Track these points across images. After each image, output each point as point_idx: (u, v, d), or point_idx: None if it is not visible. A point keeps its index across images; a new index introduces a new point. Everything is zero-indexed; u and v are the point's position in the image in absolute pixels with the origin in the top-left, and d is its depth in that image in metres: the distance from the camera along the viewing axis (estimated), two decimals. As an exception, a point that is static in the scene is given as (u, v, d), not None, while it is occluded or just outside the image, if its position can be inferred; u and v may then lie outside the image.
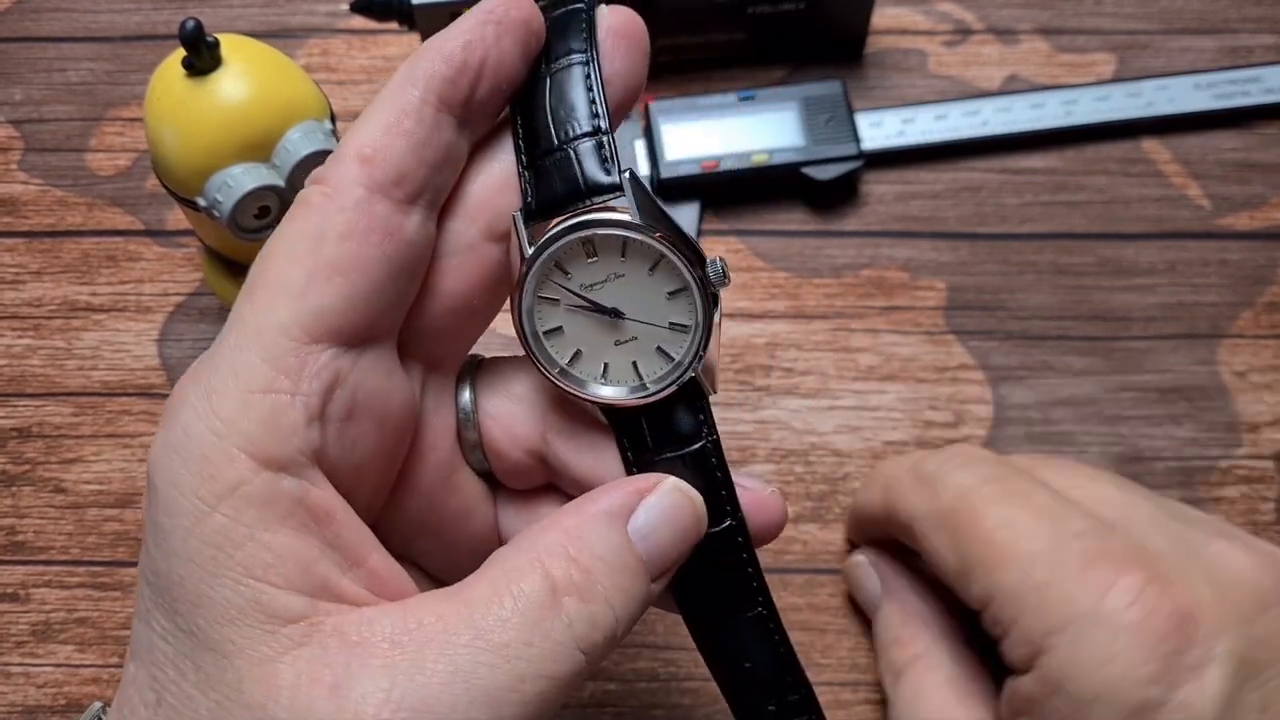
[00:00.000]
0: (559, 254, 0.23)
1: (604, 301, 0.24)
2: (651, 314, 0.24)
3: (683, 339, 0.24)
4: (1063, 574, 0.26)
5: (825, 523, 0.37)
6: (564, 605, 0.21)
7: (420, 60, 0.22)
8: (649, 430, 0.24)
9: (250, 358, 0.21)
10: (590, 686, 0.34)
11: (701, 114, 0.41)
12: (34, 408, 0.39)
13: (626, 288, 0.24)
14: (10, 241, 0.42)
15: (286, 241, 0.22)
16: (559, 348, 0.24)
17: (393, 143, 0.22)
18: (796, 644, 0.35)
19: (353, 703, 0.19)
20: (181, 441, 0.20)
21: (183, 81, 0.32)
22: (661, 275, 0.24)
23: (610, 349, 0.24)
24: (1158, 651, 0.25)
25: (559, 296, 0.24)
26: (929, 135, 0.42)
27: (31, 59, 0.46)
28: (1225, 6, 0.45)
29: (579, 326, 0.24)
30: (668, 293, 0.24)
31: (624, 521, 0.23)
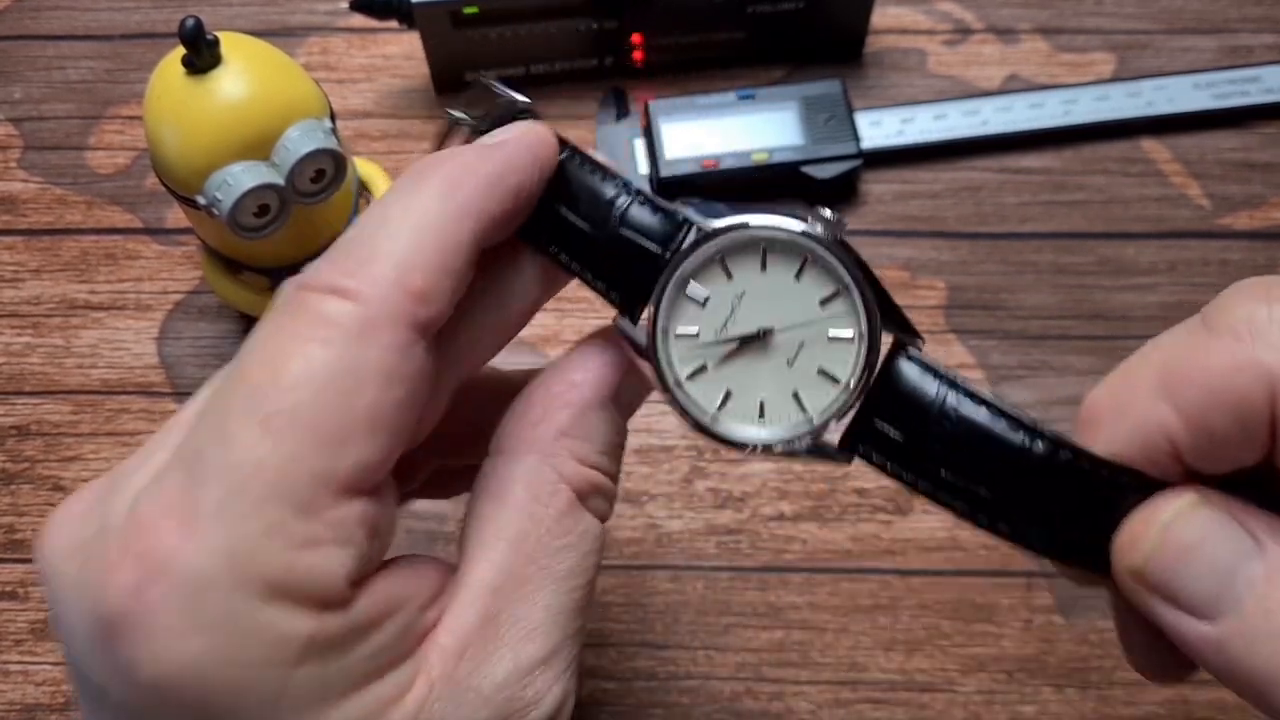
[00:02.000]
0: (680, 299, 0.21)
1: (746, 326, 0.21)
2: (806, 325, 0.21)
3: (846, 353, 0.21)
4: None
5: (825, 521, 0.37)
6: (589, 505, 0.22)
7: (475, 193, 0.21)
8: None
9: (282, 513, 0.19)
10: (588, 685, 0.34)
11: (701, 113, 0.41)
12: (33, 406, 0.39)
13: (768, 300, 0.21)
14: (9, 239, 0.42)
15: (308, 363, 0.19)
16: (685, 355, 0.21)
17: (443, 283, 0.20)
18: (795, 643, 0.35)
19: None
20: (236, 648, 0.19)
21: (182, 80, 0.32)
22: (811, 278, 0.21)
23: (764, 380, 0.21)
24: None
25: (701, 358, 0.21)
26: (928, 135, 0.42)
27: (31, 57, 0.46)
28: (1225, 6, 0.45)
29: (725, 364, 0.21)
30: (820, 300, 0.21)
31: (613, 403, 0.22)
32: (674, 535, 0.37)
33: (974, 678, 0.34)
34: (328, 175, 0.34)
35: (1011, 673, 0.34)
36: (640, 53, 0.44)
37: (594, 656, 0.35)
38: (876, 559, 0.36)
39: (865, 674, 0.35)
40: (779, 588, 0.36)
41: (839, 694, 0.34)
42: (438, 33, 0.42)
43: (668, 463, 0.38)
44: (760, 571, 0.36)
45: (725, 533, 0.37)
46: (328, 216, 0.36)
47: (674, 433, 0.38)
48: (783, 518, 0.37)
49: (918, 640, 0.35)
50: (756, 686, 0.34)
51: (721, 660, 0.35)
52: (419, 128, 0.44)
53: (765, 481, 0.37)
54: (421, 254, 0.20)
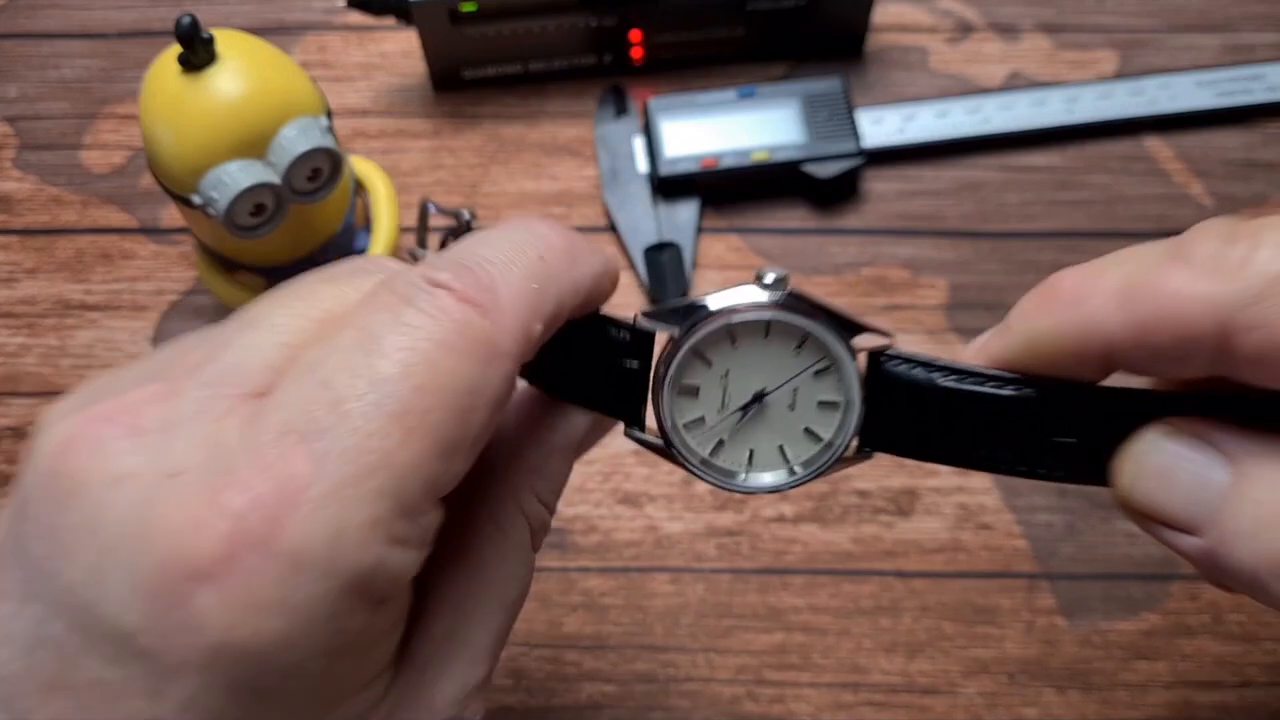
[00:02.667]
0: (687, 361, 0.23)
1: (742, 396, 0.23)
2: (791, 374, 0.23)
3: (832, 417, 0.23)
4: None
5: (825, 523, 0.36)
6: (535, 541, 0.24)
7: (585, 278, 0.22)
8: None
9: (390, 509, 0.19)
10: (588, 688, 0.34)
11: (701, 111, 0.41)
12: (28, 407, 0.39)
13: (751, 368, 0.23)
14: (4, 239, 0.42)
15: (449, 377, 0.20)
16: (700, 439, 0.24)
17: (541, 336, 0.21)
18: (796, 646, 0.35)
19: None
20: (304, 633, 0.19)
21: (178, 78, 0.31)
22: (778, 335, 0.23)
23: (754, 434, 0.24)
24: None
25: (715, 435, 0.24)
26: (930, 133, 0.42)
27: (26, 55, 0.46)
28: (1228, 4, 0.45)
29: (739, 432, 0.24)
30: (794, 349, 0.23)
31: (574, 454, 0.25)
32: (674, 537, 0.36)
33: (976, 680, 0.34)
34: (324, 174, 0.33)
35: (1013, 675, 0.34)
36: (639, 50, 0.43)
37: (594, 659, 0.35)
38: (878, 561, 0.36)
39: (867, 676, 0.34)
40: (780, 590, 0.36)
41: (840, 697, 0.34)
42: (435, 30, 0.42)
43: (667, 464, 0.37)
44: (761, 573, 0.36)
45: (725, 535, 0.36)
46: (324, 215, 0.35)
47: (674, 433, 0.38)
48: (783, 519, 0.36)
49: (919, 642, 0.35)
50: (757, 689, 0.34)
51: (722, 663, 0.35)
52: (416, 126, 0.44)
53: (766, 482, 0.37)
54: (543, 305, 0.21)
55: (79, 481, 0.19)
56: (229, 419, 0.19)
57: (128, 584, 0.18)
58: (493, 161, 0.43)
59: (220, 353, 0.20)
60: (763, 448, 0.24)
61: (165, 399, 0.20)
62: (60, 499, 0.19)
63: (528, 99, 0.44)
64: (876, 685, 0.34)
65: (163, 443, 0.19)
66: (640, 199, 0.41)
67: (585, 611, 0.35)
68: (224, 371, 0.20)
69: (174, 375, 0.20)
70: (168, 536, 0.18)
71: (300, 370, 0.20)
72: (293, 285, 0.22)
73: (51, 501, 0.19)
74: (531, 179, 0.42)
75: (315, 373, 0.20)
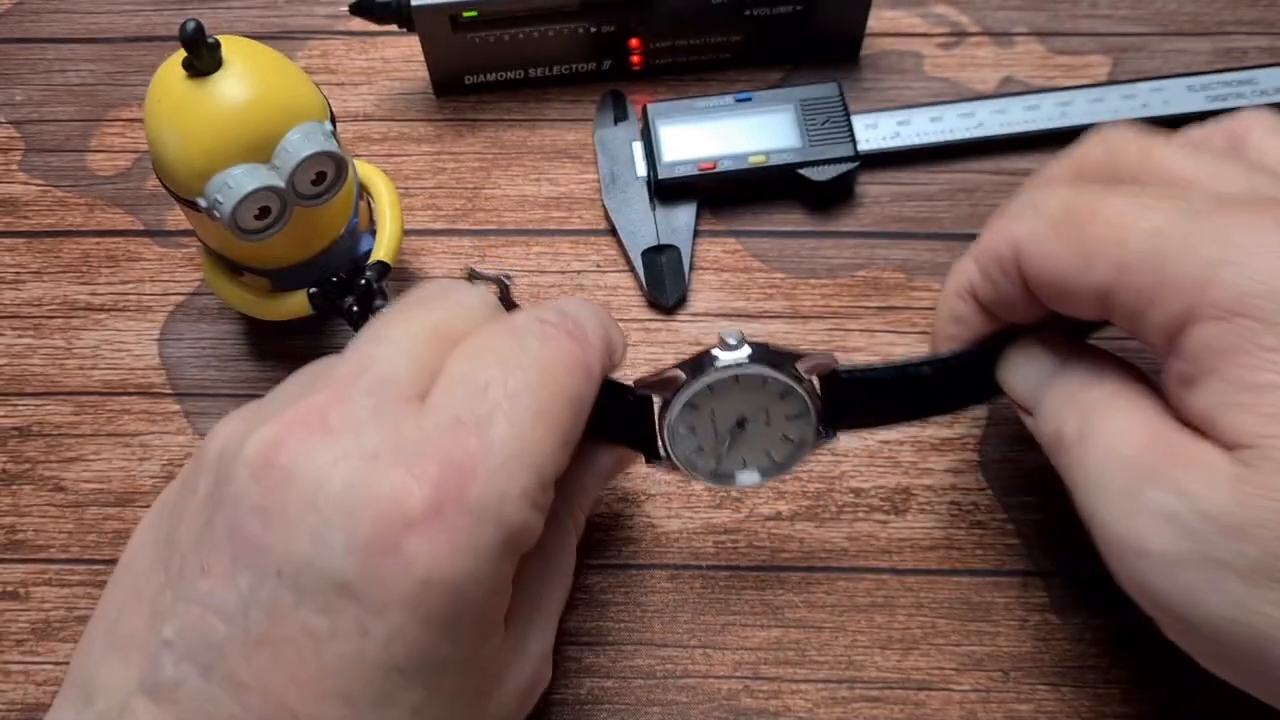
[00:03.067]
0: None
1: (728, 424, 0.31)
2: (762, 400, 0.31)
3: (798, 424, 0.31)
4: (1204, 223, 0.24)
5: (821, 521, 0.37)
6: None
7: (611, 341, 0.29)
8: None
9: (535, 482, 0.25)
10: (587, 683, 0.35)
11: (699, 115, 0.42)
12: (34, 407, 0.39)
13: (730, 404, 0.31)
14: (10, 241, 0.42)
15: (570, 389, 0.27)
16: (703, 461, 0.32)
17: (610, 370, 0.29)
18: (793, 642, 0.35)
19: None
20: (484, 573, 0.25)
21: (183, 83, 0.32)
22: (746, 378, 0.30)
23: (743, 448, 0.32)
24: None
25: (713, 456, 0.32)
26: (925, 137, 0.42)
27: (32, 60, 0.46)
28: (1219, 9, 0.46)
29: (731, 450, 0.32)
30: (761, 384, 0.30)
31: (606, 479, 0.33)
32: (672, 535, 0.37)
33: (970, 676, 0.35)
34: (328, 178, 0.34)
35: (1008, 671, 0.35)
36: (638, 56, 0.44)
37: (592, 655, 0.35)
38: (873, 558, 0.36)
39: (862, 672, 0.35)
40: (776, 587, 0.36)
41: (836, 692, 0.35)
42: (437, 36, 0.42)
43: (666, 463, 0.38)
44: (757, 570, 0.36)
45: (723, 532, 0.37)
46: (328, 218, 0.36)
47: (672, 433, 0.38)
48: (780, 517, 0.37)
49: (914, 639, 0.35)
50: (754, 684, 0.35)
51: (719, 659, 0.35)
52: (419, 130, 0.44)
53: (763, 481, 0.37)
54: (612, 346, 0.29)
55: (293, 471, 0.24)
56: (401, 416, 0.25)
57: (344, 543, 0.23)
58: (494, 165, 0.43)
59: (368, 367, 0.26)
60: (751, 456, 0.32)
61: (340, 404, 0.25)
62: (276, 486, 0.24)
63: (528, 104, 0.45)
64: (872, 681, 0.35)
65: (355, 436, 0.25)
66: (639, 202, 0.42)
67: (584, 607, 0.36)
68: (379, 381, 0.26)
69: (335, 387, 0.26)
70: (381, 500, 0.24)
71: (454, 380, 0.26)
72: (395, 309, 0.28)
73: (266, 490, 0.24)
74: (532, 183, 0.43)
75: (470, 382, 0.26)
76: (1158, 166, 0.27)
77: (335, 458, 0.24)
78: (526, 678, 0.29)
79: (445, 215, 0.42)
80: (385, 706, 0.24)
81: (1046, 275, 0.27)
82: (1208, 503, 0.23)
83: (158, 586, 0.26)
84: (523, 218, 0.42)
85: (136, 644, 0.25)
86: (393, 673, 0.24)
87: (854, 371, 0.31)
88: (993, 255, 0.29)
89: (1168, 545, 0.24)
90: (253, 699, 0.24)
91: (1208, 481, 0.23)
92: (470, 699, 0.26)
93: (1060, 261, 0.27)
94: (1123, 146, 0.29)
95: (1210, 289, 0.24)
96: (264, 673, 0.24)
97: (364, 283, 0.36)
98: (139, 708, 0.24)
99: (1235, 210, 0.24)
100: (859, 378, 0.31)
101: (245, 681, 0.24)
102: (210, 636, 0.24)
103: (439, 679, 0.25)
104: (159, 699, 0.24)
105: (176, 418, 0.39)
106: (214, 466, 0.26)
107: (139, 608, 0.26)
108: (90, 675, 0.25)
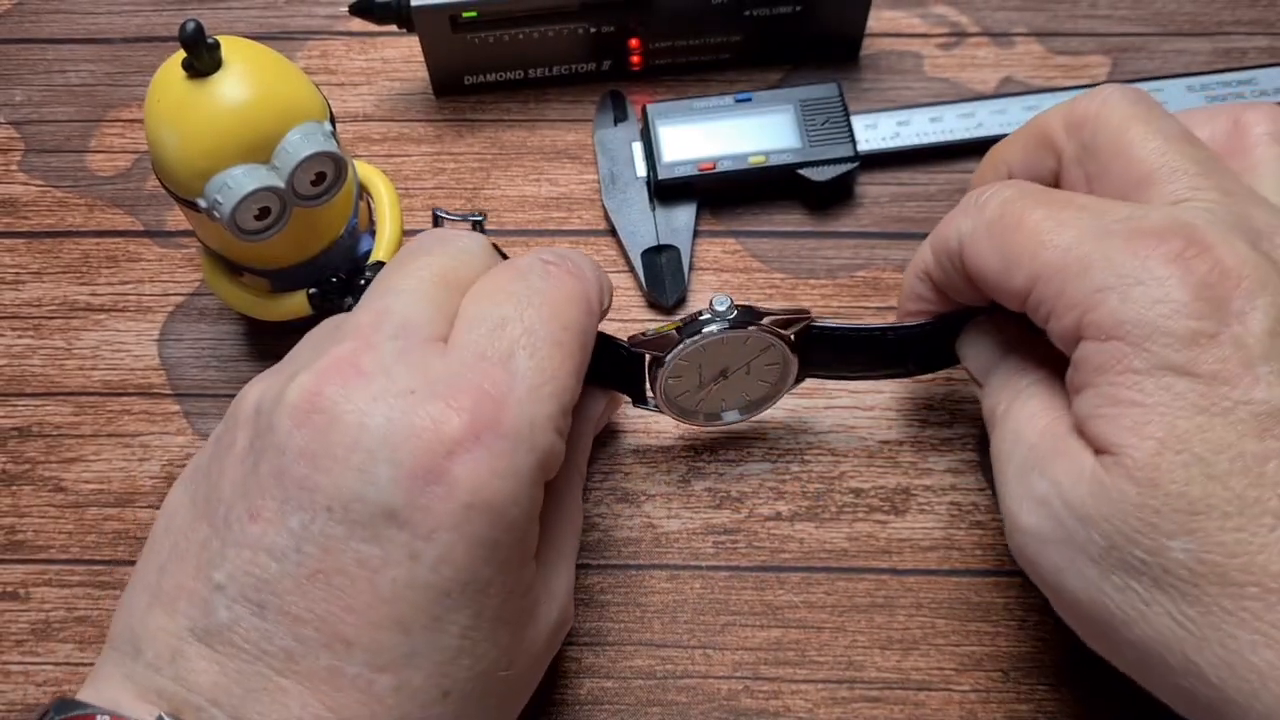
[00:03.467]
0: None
1: (713, 373, 0.34)
2: (744, 354, 0.34)
3: (776, 371, 0.35)
4: (1106, 246, 0.27)
5: (821, 521, 0.37)
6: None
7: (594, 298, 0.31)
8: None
9: (570, 409, 0.28)
10: (587, 684, 0.35)
11: (699, 116, 0.42)
12: (34, 407, 0.39)
13: (717, 357, 0.34)
14: (10, 242, 0.42)
15: (578, 322, 0.29)
16: (687, 403, 0.36)
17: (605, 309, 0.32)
18: (792, 642, 0.35)
19: None
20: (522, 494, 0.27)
21: (183, 83, 0.32)
22: (732, 336, 0.33)
23: (725, 392, 0.35)
24: (1203, 294, 0.25)
25: (696, 399, 0.35)
26: (924, 137, 0.42)
27: (31, 60, 0.46)
28: (1219, 9, 0.46)
29: (712, 394, 0.35)
30: (743, 344, 0.34)
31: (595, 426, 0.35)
32: (671, 535, 0.37)
33: (970, 676, 0.35)
34: (328, 178, 0.34)
35: (1007, 671, 0.35)
36: (638, 56, 0.44)
37: (592, 655, 0.35)
38: (873, 558, 0.36)
39: (862, 673, 0.35)
40: (776, 587, 0.36)
41: (836, 693, 0.35)
42: (436, 36, 0.42)
43: (665, 463, 0.38)
44: (757, 571, 0.36)
45: (722, 532, 0.37)
46: (328, 218, 0.36)
47: (671, 434, 0.38)
48: (779, 518, 0.37)
49: (914, 639, 0.35)
50: (754, 685, 0.35)
51: (719, 659, 0.35)
52: (418, 131, 0.44)
53: (762, 482, 0.37)
54: (605, 286, 0.32)
55: (333, 414, 0.26)
56: (428, 356, 0.27)
57: (390, 474, 0.25)
58: (494, 166, 0.43)
59: (387, 315, 0.28)
60: (731, 398, 0.36)
61: (368, 350, 0.27)
62: (320, 430, 0.26)
63: (528, 105, 0.45)
64: (872, 681, 0.35)
65: (387, 376, 0.26)
66: (639, 203, 0.42)
67: (584, 608, 0.36)
68: (401, 326, 0.27)
69: (359, 336, 0.27)
70: (423, 431, 0.25)
71: (472, 320, 0.28)
72: (398, 261, 0.30)
73: (310, 434, 0.26)
74: (532, 183, 0.43)
75: (487, 320, 0.28)
76: (1126, 145, 0.29)
77: (373, 396, 0.26)
78: (555, 616, 0.30)
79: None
80: (436, 631, 0.26)
81: (979, 272, 0.30)
82: (1071, 494, 0.26)
83: (202, 539, 0.26)
84: (523, 218, 0.42)
85: (184, 594, 0.26)
86: (442, 596, 0.25)
87: (826, 329, 0.34)
88: (942, 244, 0.31)
89: (1039, 524, 0.27)
90: (308, 630, 0.25)
91: (1074, 476, 0.26)
92: (511, 627, 0.28)
93: (989, 262, 0.29)
94: (1109, 114, 0.30)
95: (1095, 311, 0.26)
96: (318, 604, 0.25)
97: (364, 283, 0.36)
98: (190, 652, 0.25)
99: (1137, 239, 0.26)
100: (830, 334, 0.34)
101: (300, 615, 0.25)
102: (263, 575, 0.25)
103: (483, 601, 0.26)
104: (212, 641, 0.25)
105: (176, 418, 0.39)
106: (251, 420, 0.27)
107: (183, 563, 0.26)
108: (135, 630, 0.26)
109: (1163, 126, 0.29)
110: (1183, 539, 0.24)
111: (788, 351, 0.34)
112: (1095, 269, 0.27)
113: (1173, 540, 0.25)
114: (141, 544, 0.37)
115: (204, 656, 0.25)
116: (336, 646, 0.25)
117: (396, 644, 0.25)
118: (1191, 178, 0.28)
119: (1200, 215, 0.27)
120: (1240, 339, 0.25)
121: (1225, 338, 0.25)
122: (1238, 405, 0.25)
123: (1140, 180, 0.29)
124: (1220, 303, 0.25)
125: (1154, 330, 0.25)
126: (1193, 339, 0.25)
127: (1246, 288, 0.25)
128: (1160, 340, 0.25)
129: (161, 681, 0.25)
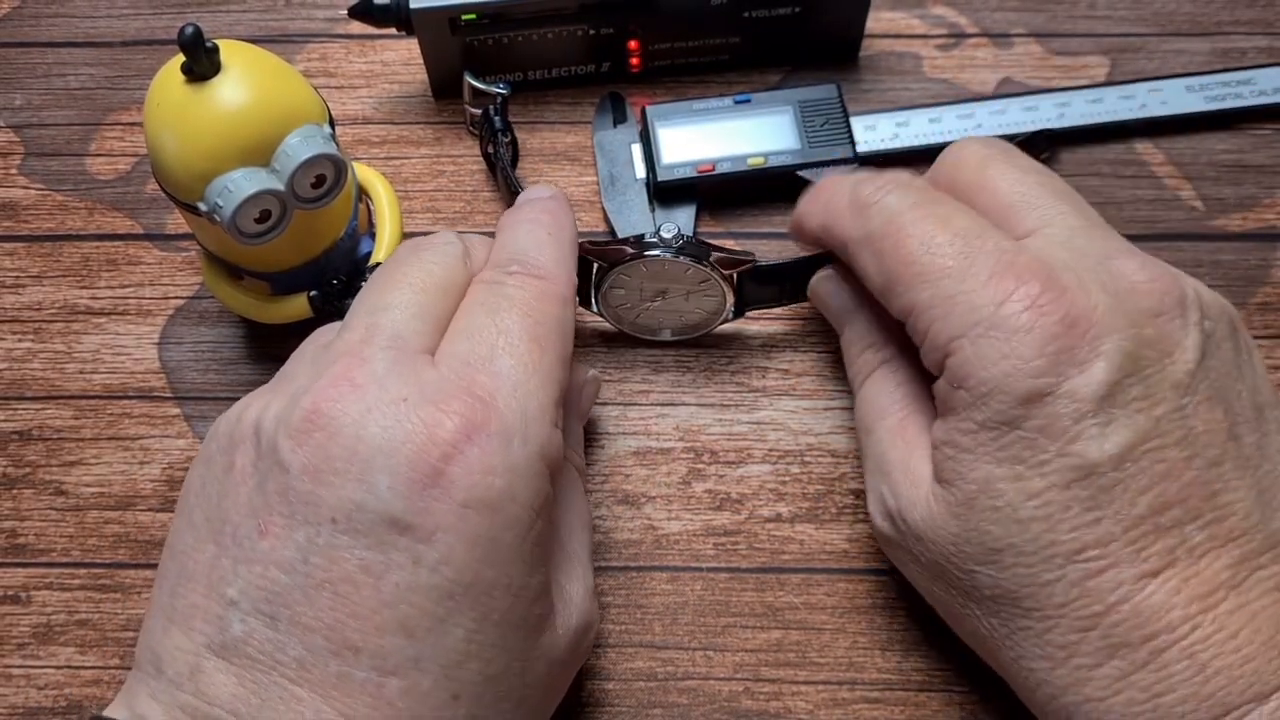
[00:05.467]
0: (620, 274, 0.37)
1: (651, 292, 0.37)
2: (684, 281, 0.37)
3: (713, 301, 0.37)
4: (969, 286, 0.29)
5: (821, 523, 0.37)
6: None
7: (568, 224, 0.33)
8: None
9: (549, 400, 0.29)
10: (588, 686, 0.35)
11: (698, 117, 0.42)
12: (34, 411, 0.39)
13: (658, 279, 0.36)
14: (10, 245, 0.43)
15: (556, 317, 0.30)
16: (625, 312, 0.38)
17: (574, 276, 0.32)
18: (793, 644, 0.35)
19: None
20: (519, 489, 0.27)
21: (182, 87, 0.32)
22: (675, 262, 0.36)
23: (663, 312, 0.38)
24: (1047, 349, 0.28)
25: (635, 310, 0.38)
26: (923, 138, 0.42)
27: (31, 64, 0.46)
28: (1218, 9, 0.46)
29: (649, 309, 0.38)
30: (685, 271, 0.36)
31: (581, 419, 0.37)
32: (672, 537, 0.37)
33: (970, 676, 0.35)
34: (328, 181, 0.34)
35: (1008, 672, 0.35)
36: (637, 58, 0.44)
37: (593, 657, 0.35)
38: (873, 559, 0.36)
39: (862, 674, 0.35)
40: (776, 588, 0.36)
41: (836, 694, 0.35)
42: (436, 39, 0.42)
43: (665, 465, 0.38)
44: (758, 572, 0.36)
45: (723, 534, 0.37)
46: (328, 221, 0.36)
47: (671, 435, 0.38)
48: (780, 519, 0.37)
49: (914, 640, 0.35)
50: (755, 686, 0.35)
51: (720, 661, 0.35)
52: (418, 133, 0.44)
53: (763, 483, 0.37)
54: (567, 259, 0.32)
55: (333, 429, 0.26)
56: (418, 367, 0.28)
57: (389, 481, 0.26)
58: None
59: (378, 328, 0.29)
60: (668, 319, 0.39)
61: (361, 364, 0.28)
62: (319, 446, 0.26)
63: (527, 107, 0.45)
64: (873, 682, 0.35)
65: (380, 387, 0.27)
66: (638, 204, 0.42)
67: (585, 610, 0.36)
68: (392, 338, 0.28)
69: (352, 352, 0.28)
70: (416, 436, 0.26)
71: (453, 334, 0.29)
72: (379, 276, 0.31)
73: (311, 451, 0.26)
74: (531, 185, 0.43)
75: (466, 331, 0.29)
76: (988, 179, 0.32)
77: (367, 407, 0.27)
78: (575, 621, 0.30)
79: (445, 218, 0.43)
80: (440, 634, 0.26)
81: (864, 279, 0.33)
82: (909, 514, 0.31)
83: (210, 558, 0.27)
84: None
85: (198, 612, 0.27)
86: (444, 598, 0.26)
87: (760, 266, 0.36)
88: (832, 239, 0.34)
89: (885, 527, 0.32)
90: (317, 639, 0.26)
91: (912, 498, 0.31)
92: (522, 631, 0.28)
93: (872, 278, 0.32)
94: (967, 158, 0.33)
95: (951, 356, 0.29)
96: (326, 613, 0.26)
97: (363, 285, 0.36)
98: (208, 667, 0.26)
99: (998, 278, 0.29)
100: (762, 270, 0.37)
101: (309, 624, 0.26)
102: (274, 588, 0.26)
103: (487, 603, 0.27)
104: (228, 655, 0.26)
105: (177, 421, 0.39)
106: (252, 442, 0.28)
107: (192, 583, 0.27)
108: (156, 651, 0.27)
109: (1018, 163, 0.32)
110: (987, 568, 0.29)
111: (725, 288, 0.36)
112: (956, 313, 0.29)
113: (979, 567, 0.29)
114: (142, 547, 0.37)
115: (221, 670, 0.26)
116: (344, 653, 0.26)
117: (401, 647, 0.26)
118: (1047, 207, 0.31)
119: (1058, 251, 0.29)
120: (1075, 393, 0.27)
121: (1062, 391, 0.28)
122: (1055, 458, 0.28)
123: (1003, 210, 0.31)
124: (1064, 354, 0.28)
125: (995, 389, 0.28)
126: (1028, 398, 0.28)
127: (1094, 334, 0.28)
128: (999, 399, 0.28)
129: (184, 697, 0.26)
